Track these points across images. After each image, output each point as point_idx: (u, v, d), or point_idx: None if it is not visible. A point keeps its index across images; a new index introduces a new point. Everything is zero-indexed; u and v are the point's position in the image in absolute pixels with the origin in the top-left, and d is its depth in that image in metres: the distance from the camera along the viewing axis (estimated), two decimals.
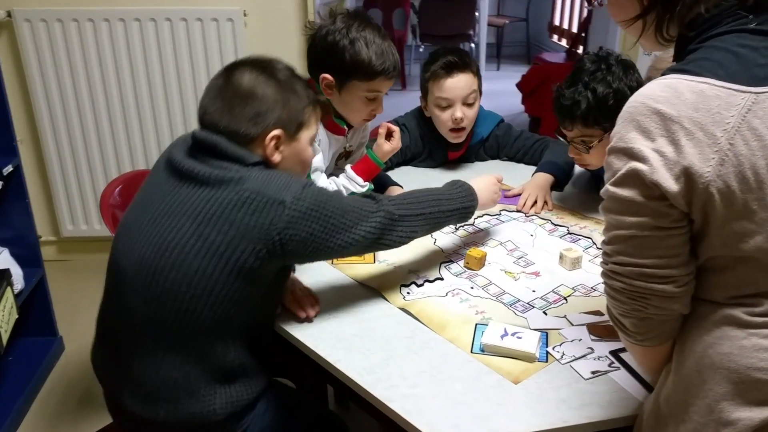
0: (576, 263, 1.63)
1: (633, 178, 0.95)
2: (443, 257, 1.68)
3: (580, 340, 1.37)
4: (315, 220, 1.26)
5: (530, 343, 1.32)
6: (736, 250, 0.94)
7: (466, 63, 2.08)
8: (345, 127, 1.89)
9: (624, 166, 0.96)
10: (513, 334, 1.35)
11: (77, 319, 2.74)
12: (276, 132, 1.32)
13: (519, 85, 4.71)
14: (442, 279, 1.58)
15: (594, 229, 1.83)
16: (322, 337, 1.37)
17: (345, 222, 1.31)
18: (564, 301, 1.51)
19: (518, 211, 1.94)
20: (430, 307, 1.47)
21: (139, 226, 1.32)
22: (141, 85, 2.96)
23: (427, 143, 2.23)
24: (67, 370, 2.59)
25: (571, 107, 1.76)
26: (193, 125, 3.09)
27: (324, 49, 1.78)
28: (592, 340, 1.37)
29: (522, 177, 2.10)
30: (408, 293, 1.52)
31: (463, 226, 1.82)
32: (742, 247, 0.93)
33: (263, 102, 1.31)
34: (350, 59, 1.74)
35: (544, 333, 1.39)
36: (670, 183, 0.92)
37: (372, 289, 1.53)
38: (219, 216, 1.23)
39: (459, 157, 2.26)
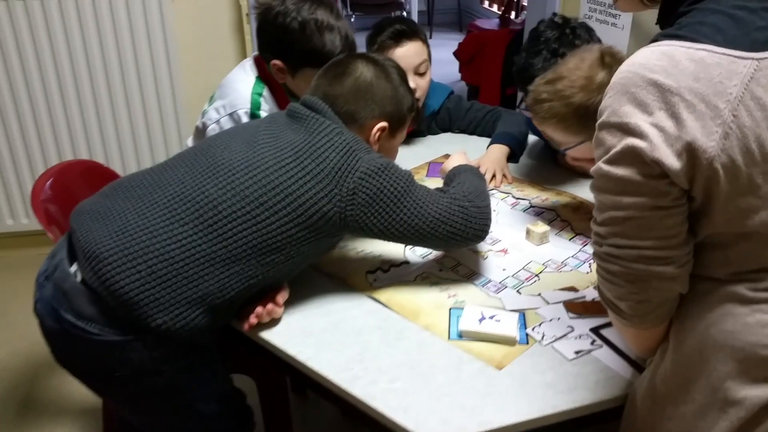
0: (544, 238, 1.59)
1: (630, 156, 0.89)
2: None
3: (559, 318, 1.32)
4: (388, 178, 1.30)
5: (509, 326, 1.26)
6: (740, 226, 0.90)
7: (414, 31, 2.00)
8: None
9: (619, 142, 0.90)
10: (491, 318, 1.29)
11: (7, 322, 2.57)
12: (384, 123, 1.40)
13: (456, 53, 4.64)
14: (407, 262, 1.51)
15: (556, 201, 1.78)
16: (290, 334, 1.28)
17: (422, 198, 1.34)
18: (536, 278, 1.46)
19: None
20: (400, 293, 1.40)
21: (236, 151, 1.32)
22: (64, 70, 2.75)
23: None
24: (1, 379, 2.41)
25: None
26: (121, 110, 2.99)
27: (273, 34, 1.67)
28: (571, 318, 1.33)
29: (476, 149, 2.03)
30: (374, 280, 1.44)
31: None
32: (746, 223, 0.89)
33: (382, 95, 1.40)
34: (302, 46, 1.64)
35: (522, 314, 1.33)
36: (672, 160, 0.86)
37: (336, 277, 1.45)
38: (315, 150, 1.28)
39: (412, 131, 2.18)
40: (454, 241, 1.38)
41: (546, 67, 1.65)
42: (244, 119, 1.71)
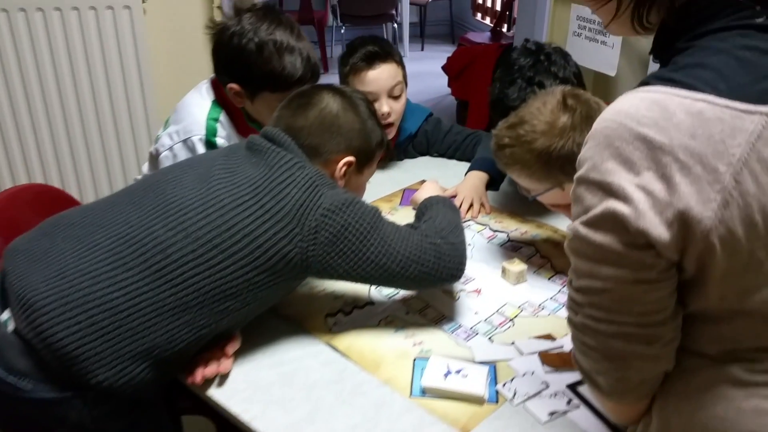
0: (520, 277, 1.47)
1: (611, 221, 0.78)
2: None
3: (533, 373, 1.21)
4: (353, 214, 1.20)
5: (477, 383, 1.15)
6: (737, 303, 0.78)
7: (387, 52, 1.89)
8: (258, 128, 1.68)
9: (599, 203, 0.79)
10: (457, 372, 1.17)
11: None
12: (350, 158, 1.30)
13: (445, 68, 4.54)
14: (372, 303, 1.39)
15: (536, 234, 1.67)
16: (235, 388, 1.16)
17: (390, 235, 1.23)
18: (510, 323, 1.35)
19: None
20: (361, 339, 1.28)
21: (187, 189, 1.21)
22: (31, 84, 2.64)
23: None
24: None
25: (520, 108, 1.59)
26: (91, 125, 2.86)
27: (229, 56, 1.56)
28: (546, 372, 1.21)
29: (455, 175, 1.93)
30: (335, 323, 1.33)
31: None
32: (745, 301, 0.77)
33: (349, 128, 1.31)
34: (259, 69, 1.53)
35: (492, 366, 1.22)
36: (660, 230, 0.75)
37: (292, 319, 1.33)
38: (276, 186, 1.18)
39: (386, 155, 2.07)
40: (426, 282, 1.27)
41: (522, 97, 1.55)
42: (199, 147, 1.60)
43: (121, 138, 2.78)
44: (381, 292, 1.42)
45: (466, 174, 1.88)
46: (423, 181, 1.93)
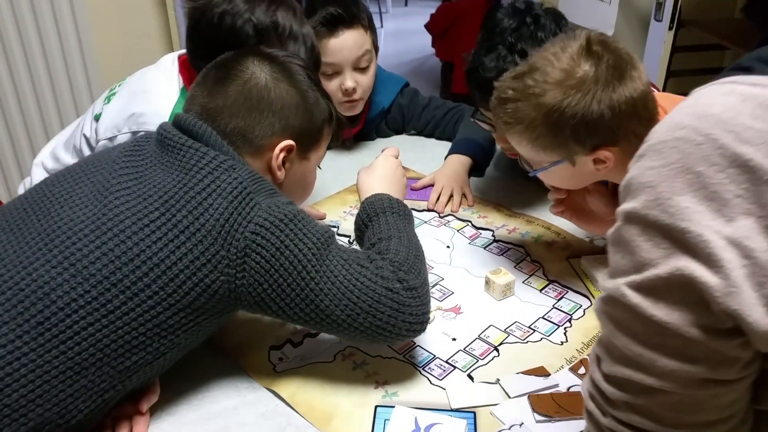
0: (507, 290, 1.23)
1: (681, 291, 0.53)
2: None
3: (521, 424, 0.98)
4: (293, 234, 0.94)
5: None
6: None
7: (353, 15, 1.60)
8: None
9: (664, 260, 0.54)
10: (428, 428, 0.94)
11: None
12: (289, 142, 1.04)
13: (428, 26, 4.24)
14: None
15: (526, 232, 1.43)
16: None
17: (337, 270, 0.96)
18: (495, 352, 1.11)
19: (430, 210, 1.51)
20: (311, 382, 1.04)
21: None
22: None
23: None
24: None
25: (495, 80, 1.32)
26: (32, 117, 2.54)
27: (215, 39, 1.24)
28: (538, 421, 0.98)
29: (434, 158, 1.67)
30: (280, 359, 1.09)
31: (352, 242, 1.38)
32: None
33: (284, 103, 1.04)
34: None
35: (471, 415, 0.99)
36: (758, 314, 0.50)
37: (227, 355, 1.09)
38: (194, 197, 0.93)
39: (356, 134, 1.81)
40: (378, 337, 0.98)
41: (500, 68, 1.27)
42: None
43: (62, 108, 2.48)
44: None
45: (446, 158, 1.63)
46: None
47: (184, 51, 1.43)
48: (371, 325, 0.96)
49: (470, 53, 1.37)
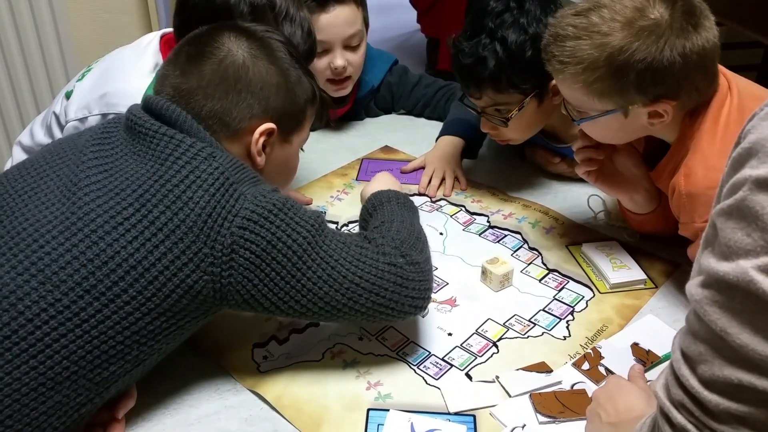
0: (505, 280, 1.17)
1: None
2: None
3: (524, 426, 0.91)
4: (285, 225, 0.87)
5: None
6: None
7: None
8: None
9: None
10: None
11: None
12: (269, 125, 0.95)
13: (413, 1, 4.14)
14: (316, 324, 1.08)
15: (522, 218, 1.36)
16: None
17: (335, 253, 0.91)
18: (494, 347, 1.05)
19: (421, 194, 1.44)
20: (298, 382, 0.97)
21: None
22: None
23: None
24: None
25: (475, 67, 1.24)
26: (5, 98, 2.38)
27: (206, 15, 1.13)
28: (541, 422, 0.92)
29: (425, 138, 1.60)
30: (264, 358, 1.01)
31: (340, 229, 1.31)
32: None
33: (263, 83, 0.95)
34: None
35: (471, 419, 0.92)
36: None
37: (207, 353, 1.02)
38: (171, 190, 0.84)
39: (344, 113, 1.72)
40: (381, 317, 0.94)
41: (477, 54, 1.21)
42: None
43: (36, 87, 2.37)
44: None
45: (437, 139, 1.55)
46: (387, 147, 1.61)
47: (167, 30, 1.34)
48: (374, 304, 0.92)
49: (453, 35, 1.30)
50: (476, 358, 1.03)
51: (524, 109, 1.27)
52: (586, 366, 1.01)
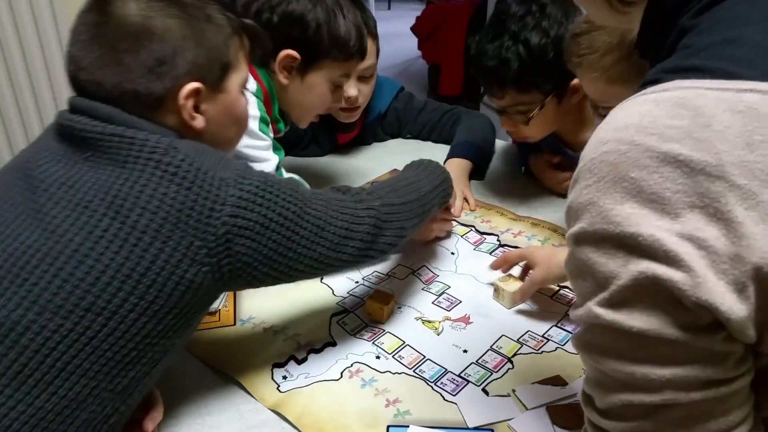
0: (518, 298, 1.19)
1: (652, 294, 0.51)
2: (334, 306, 1.19)
3: None
4: (274, 199, 0.86)
5: None
6: None
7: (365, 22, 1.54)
8: (282, 129, 1.37)
9: (626, 268, 0.52)
10: None
11: None
12: (193, 85, 0.87)
13: (414, 29, 4.21)
14: (334, 344, 1.10)
15: (532, 236, 1.38)
16: None
17: (321, 213, 0.93)
18: (509, 364, 1.06)
19: None
20: (317, 401, 0.99)
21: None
22: None
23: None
24: None
25: (498, 68, 1.29)
26: (8, 108, 2.42)
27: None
28: None
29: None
30: (284, 377, 1.03)
31: None
32: None
33: (165, 40, 0.85)
34: (325, 27, 1.26)
35: None
36: (729, 300, 0.49)
37: (226, 374, 1.03)
38: (142, 191, 0.80)
39: (352, 139, 1.76)
40: (363, 261, 1.00)
41: (502, 57, 1.27)
42: None
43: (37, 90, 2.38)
44: (344, 326, 1.13)
45: (444, 162, 1.58)
46: (396, 171, 1.64)
47: None
48: (358, 250, 0.97)
49: (476, 37, 1.35)
50: (492, 373, 1.04)
51: (544, 108, 1.32)
52: None
